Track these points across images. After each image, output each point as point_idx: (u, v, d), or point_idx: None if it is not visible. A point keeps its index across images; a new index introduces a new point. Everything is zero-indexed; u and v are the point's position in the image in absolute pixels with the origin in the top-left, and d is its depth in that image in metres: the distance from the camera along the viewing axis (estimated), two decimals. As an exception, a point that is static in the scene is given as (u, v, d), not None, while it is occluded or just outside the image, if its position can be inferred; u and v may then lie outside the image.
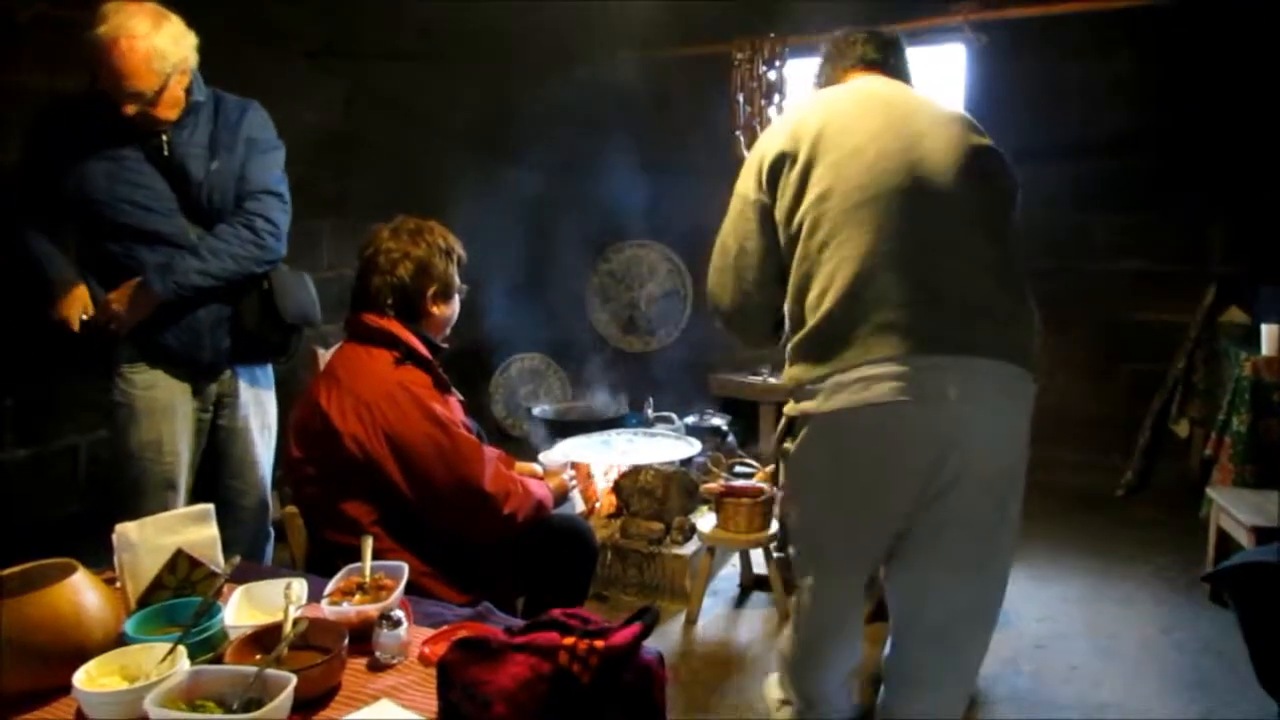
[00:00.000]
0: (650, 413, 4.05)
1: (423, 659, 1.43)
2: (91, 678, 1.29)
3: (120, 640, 1.40)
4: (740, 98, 3.71)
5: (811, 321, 1.69)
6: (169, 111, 2.18)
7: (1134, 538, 3.68)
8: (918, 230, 1.67)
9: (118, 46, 2.03)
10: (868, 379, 1.62)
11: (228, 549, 2.03)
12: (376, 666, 1.42)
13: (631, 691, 1.36)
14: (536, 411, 4.34)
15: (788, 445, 1.81)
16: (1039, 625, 2.96)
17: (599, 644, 1.25)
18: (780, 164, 1.78)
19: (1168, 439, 4.07)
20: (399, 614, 1.45)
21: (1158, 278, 4.12)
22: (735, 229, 1.90)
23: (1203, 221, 4.03)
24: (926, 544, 1.76)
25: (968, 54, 4.26)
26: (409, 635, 1.46)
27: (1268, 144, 3.72)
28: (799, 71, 3.78)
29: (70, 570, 1.43)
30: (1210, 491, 3.09)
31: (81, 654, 1.33)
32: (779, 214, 1.79)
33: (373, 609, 1.47)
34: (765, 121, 3.69)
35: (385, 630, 1.43)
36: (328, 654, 1.35)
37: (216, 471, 2.44)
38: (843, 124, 1.76)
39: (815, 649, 1.98)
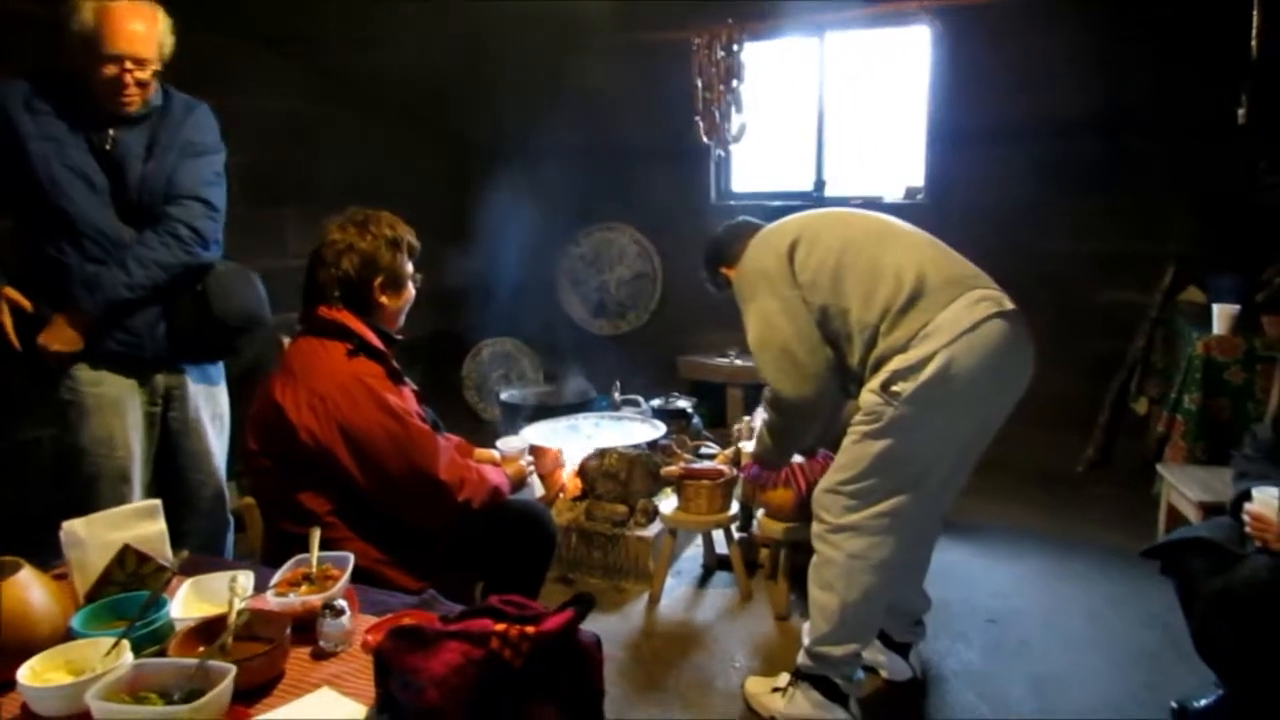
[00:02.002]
0: (618, 396, 4.09)
1: (365, 647, 1.46)
2: (36, 673, 1.32)
3: (68, 635, 1.43)
4: (699, 82, 3.72)
5: (904, 295, 2.12)
6: (142, 94, 2.22)
7: (1090, 514, 3.76)
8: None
9: (141, 14, 2.16)
10: (970, 304, 2.09)
11: (187, 541, 2.07)
12: (320, 655, 1.46)
13: (568, 675, 1.40)
14: (505, 396, 4.37)
15: (898, 388, 2.08)
16: (991, 601, 3.03)
17: (530, 630, 1.29)
18: (793, 249, 2.30)
19: (1127, 417, 4.15)
20: (342, 603, 1.48)
21: (1118, 258, 4.17)
22: (776, 321, 2.29)
23: (1163, 202, 4.08)
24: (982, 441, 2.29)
25: (933, 37, 4.28)
26: (353, 624, 1.50)
27: (1226, 125, 3.77)
28: (756, 56, 3.82)
29: (16, 568, 1.46)
30: (1161, 469, 3.16)
31: (27, 650, 1.35)
32: (805, 282, 2.26)
33: (316, 599, 1.50)
34: (725, 106, 3.70)
35: (329, 620, 1.46)
36: (271, 644, 1.39)
37: (171, 465, 2.45)
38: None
39: (891, 573, 2.22)
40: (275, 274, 4.05)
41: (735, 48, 3.63)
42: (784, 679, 2.36)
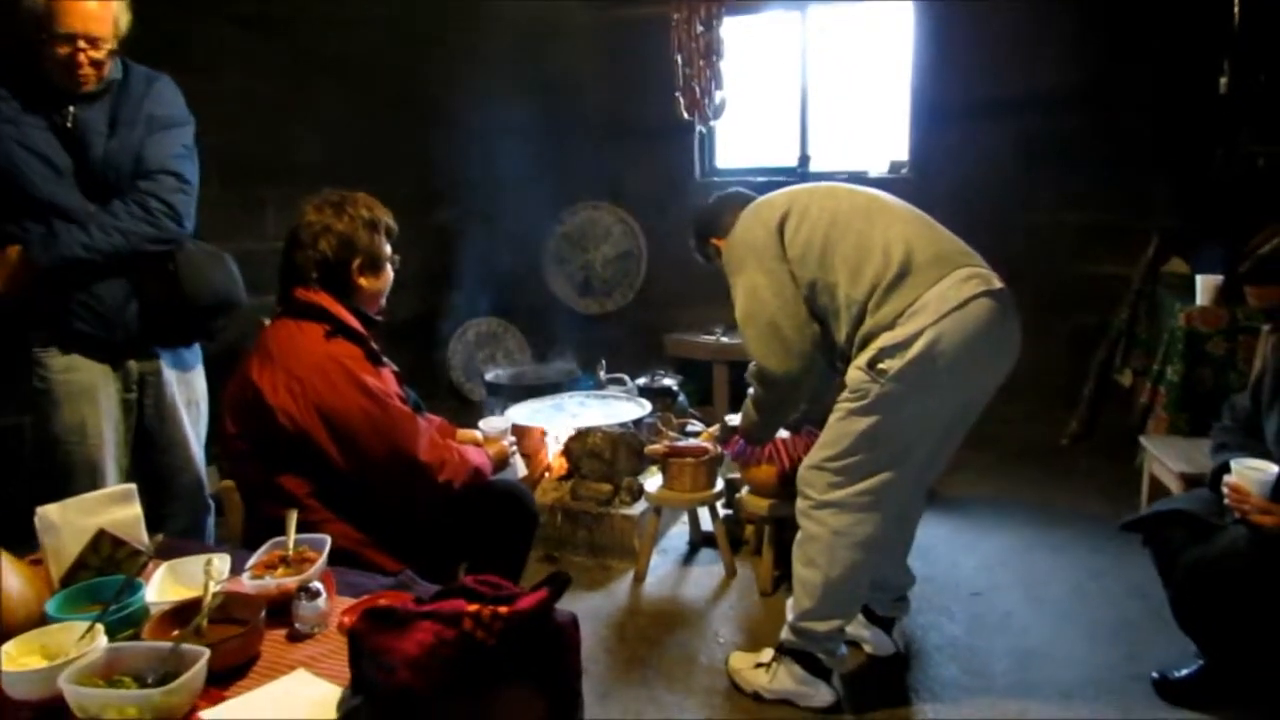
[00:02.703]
0: (603, 375, 4.08)
1: (341, 629, 1.46)
2: (11, 657, 1.31)
3: (43, 620, 1.42)
4: (679, 58, 3.69)
5: (891, 272, 2.11)
6: (98, 73, 2.18)
7: (1073, 487, 3.79)
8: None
9: None
10: (958, 282, 2.08)
11: (168, 526, 2.05)
12: (296, 637, 1.46)
13: (543, 654, 1.40)
14: (490, 376, 4.36)
15: (885, 365, 2.07)
16: (975, 574, 3.05)
17: (503, 610, 1.29)
18: (783, 223, 2.29)
19: (1112, 389, 4.16)
20: (318, 585, 1.48)
21: (1101, 230, 4.18)
22: (764, 296, 2.28)
23: (1146, 175, 4.07)
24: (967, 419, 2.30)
25: (914, 11, 4.26)
26: (329, 606, 1.50)
27: (1209, 99, 3.76)
28: (736, 30, 3.77)
29: (-10, 553, 1.45)
30: (1144, 440, 3.18)
31: (3, 635, 1.35)
32: (794, 256, 2.25)
33: (291, 582, 1.50)
34: (705, 81, 3.67)
35: (304, 602, 1.46)
36: (246, 627, 1.39)
37: (149, 452, 2.43)
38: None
39: (875, 549, 2.24)
40: (255, 256, 4.03)
41: (715, 22, 3.60)
42: (768, 654, 2.38)
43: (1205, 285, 3.35)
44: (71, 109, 2.19)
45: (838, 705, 2.31)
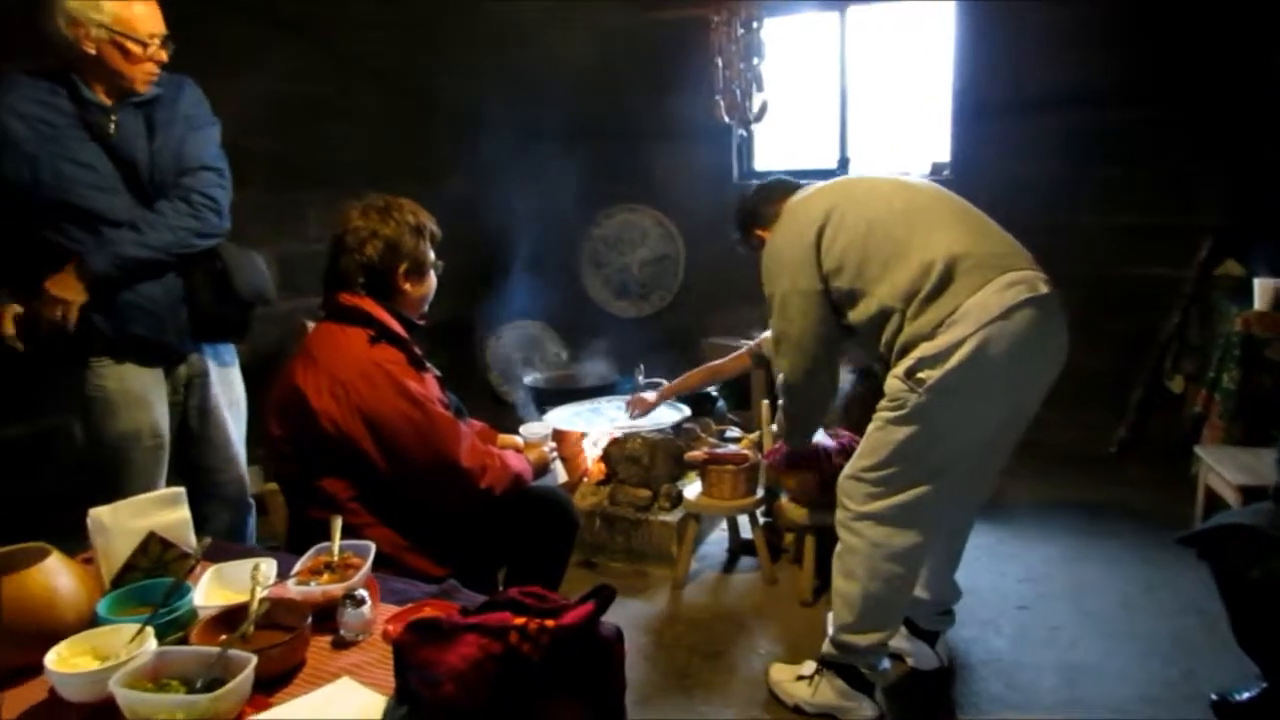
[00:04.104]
0: (641, 379, 4.06)
1: (385, 636, 1.46)
2: (63, 658, 1.33)
3: (93, 621, 1.44)
4: (719, 61, 3.66)
5: (931, 280, 2.05)
6: (149, 77, 2.25)
7: (1123, 496, 3.70)
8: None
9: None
10: (1001, 289, 2.02)
11: (209, 526, 2.07)
12: (341, 644, 1.46)
13: (588, 669, 1.39)
14: (527, 380, 4.36)
15: (923, 375, 2.03)
16: (1021, 586, 2.98)
17: (549, 623, 1.28)
18: (820, 233, 2.24)
19: (1162, 395, 4.06)
20: (363, 593, 1.48)
21: (1151, 231, 4.07)
22: (792, 315, 2.29)
23: (1198, 173, 3.97)
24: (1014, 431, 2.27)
25: (956, 9, 4.19)
26: (374, 613, 1.50)
27: (1263, 93, 3.65)
28: (777, 31, 3.72)
29: (44, 554, 1.47)
30: (1198, 450, 3.09)
31: (55, 635, 1.36)
32: (830, 267, 2.22)
33: (337, 588, 1.50)
34: (745, 84, 3.64)
35: (349, 609, 1.46)
36: (292, 633, 1.39)
37: (192, 452, 2.47)
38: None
39: (915, 562, 2.22)
40: (297, 258, 4.09)
41: (755, 25, 3.56)
42: (809, 667, 2.34)
43: (1263, 289, 3.25)
44: (113, 117, 2.23)
45: (880, 719, 2.27)
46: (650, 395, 3.58)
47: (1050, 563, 3.15)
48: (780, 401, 2.53)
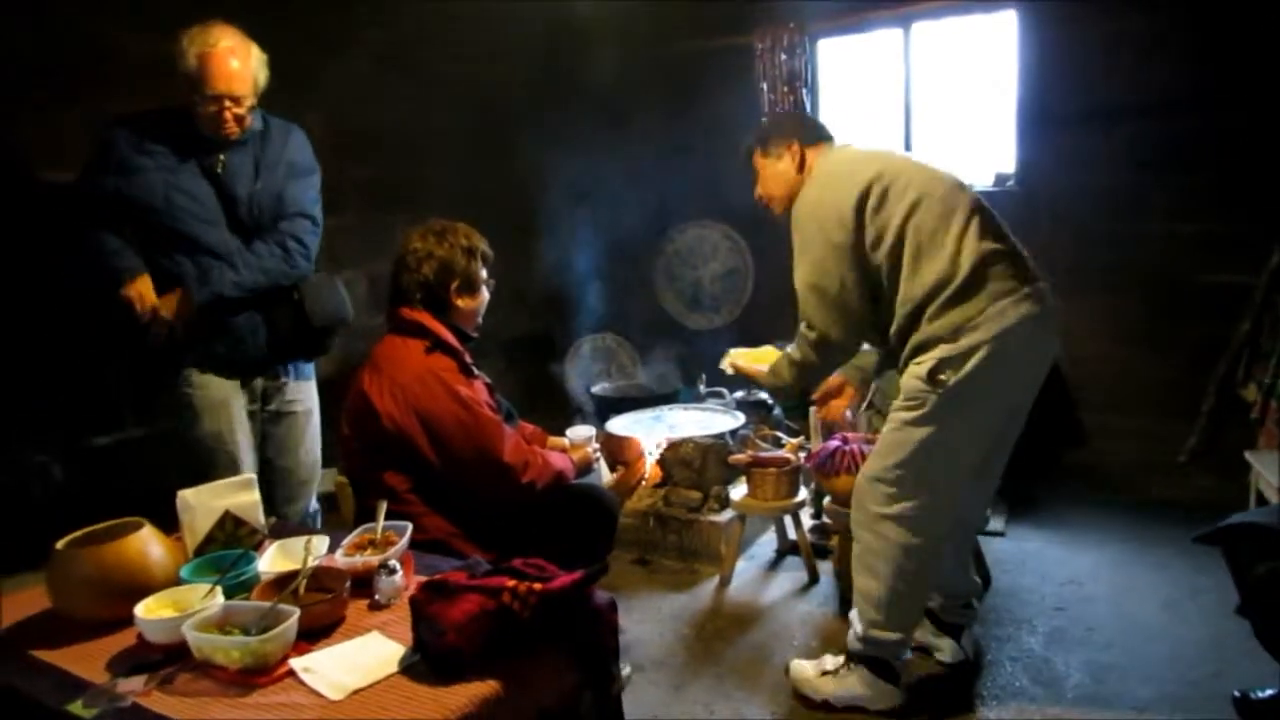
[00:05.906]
0: (703, 388, 4.24)
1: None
2: (149, 608, 1.62)
3: (177, 582, 1.73)
4: (764, 85, 3.81)
5: (957, 281, 2.14)
6: (240, 125, 2.49)
7: (1184, 503, 3.65)
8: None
9: (236, 53, 2.40)
10: (1016, 302, 2.13)
11: (279, 510, 2.34)
12: (375, 606, 1.71)
13: (578, 629, 1.59)
14: (595, 389, 4.59)
15: (944, 376, 2.14)
16: (1062, 589, 3.01)
17: (537, 587, 1.49)
18: (863, 201, 2.25)
19: (1235, 404, 3.96)
20: (395, 564, 1.72)
21: (1219, 239, 3.98)
22: (832, 270, 2.30)
23: (1266, 179, 3.87)
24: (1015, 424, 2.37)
25: (1019, 20, 4.21)
26: (405, 582, 1.74)
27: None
28: (827, 53, 3.81)
29: (139, 526, 1.77)
30: (1249, 455, 3.05)
31: (145, 592, 1.66)
32: (870, 238, 2.25)
33: (374, 559, 1.75)
34: (789, 107, 3.77)
35: (384, 577, 1.71)
36: (333, 594, 1.64)
37: (271, 452, 2.78)
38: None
39: (933, 559, 2.31)
40: (386, 278, 4.42)
41: (798, 50, 3.70)
42: (831, 662, 2.45)
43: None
44: (221, 156, 2.52)
45: (902, 710, 2.36)
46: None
47: (1098, 567, 3.16)
48: (795, 356, 2.50)
